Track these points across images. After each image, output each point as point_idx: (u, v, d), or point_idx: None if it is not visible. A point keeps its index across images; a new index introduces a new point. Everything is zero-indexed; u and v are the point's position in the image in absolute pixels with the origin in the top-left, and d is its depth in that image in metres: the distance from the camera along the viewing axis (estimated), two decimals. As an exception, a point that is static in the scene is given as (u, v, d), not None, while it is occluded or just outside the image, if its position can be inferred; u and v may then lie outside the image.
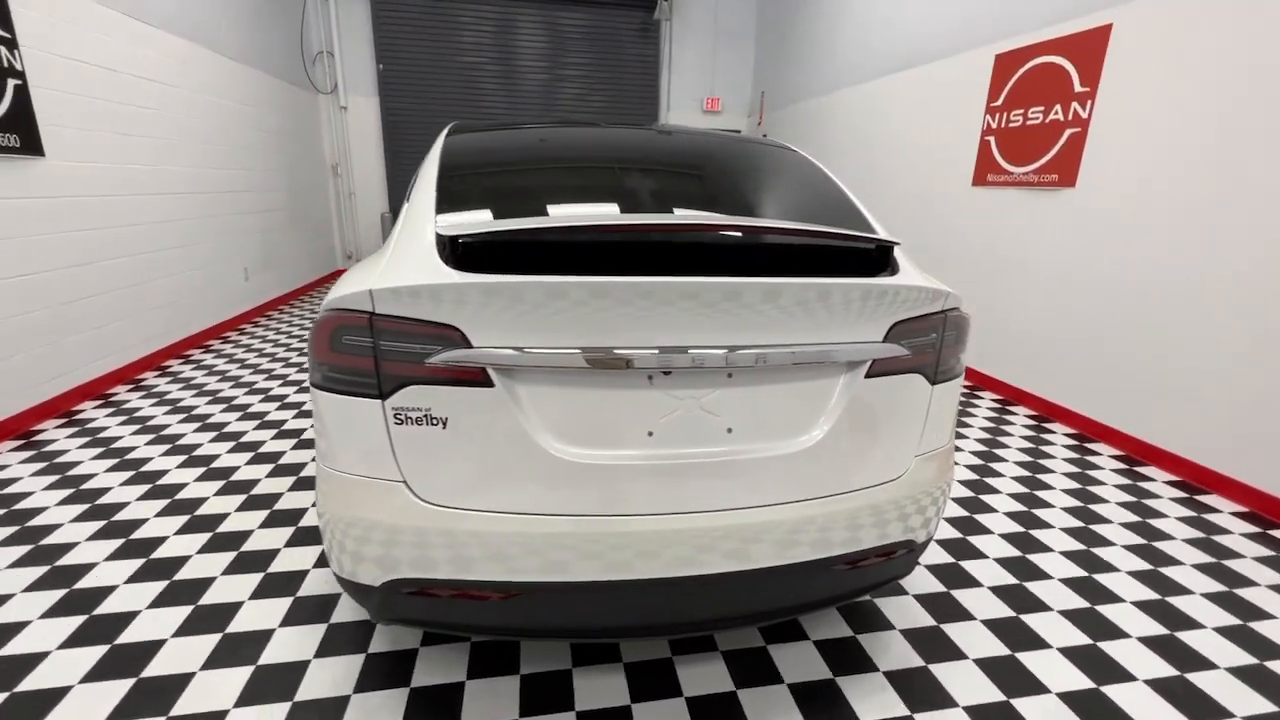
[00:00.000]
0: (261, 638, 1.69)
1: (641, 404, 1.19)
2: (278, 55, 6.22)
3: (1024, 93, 3.65)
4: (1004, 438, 3.23)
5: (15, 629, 1.70)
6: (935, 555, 2.18)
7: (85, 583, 1.89)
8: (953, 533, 2.34)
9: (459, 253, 1.16)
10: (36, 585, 1.88)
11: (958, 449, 3.08)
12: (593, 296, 1.10)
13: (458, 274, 1.11)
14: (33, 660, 1.59)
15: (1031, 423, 3.45)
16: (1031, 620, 1.85)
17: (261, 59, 5.83)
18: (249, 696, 1.50)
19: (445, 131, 1.79)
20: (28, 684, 1.52)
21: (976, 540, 2.29)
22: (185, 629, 1.72)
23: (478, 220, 1.30)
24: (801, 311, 1.20)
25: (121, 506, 2.34)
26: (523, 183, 1.54)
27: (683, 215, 1.41)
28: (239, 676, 1.56)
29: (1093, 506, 2.57)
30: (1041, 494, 2.66)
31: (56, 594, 1.84)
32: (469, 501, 1.19)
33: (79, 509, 2.31)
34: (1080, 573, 2.09)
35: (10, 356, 2.98)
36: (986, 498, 2.61)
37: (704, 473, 1.22)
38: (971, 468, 2.88)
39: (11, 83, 2.98)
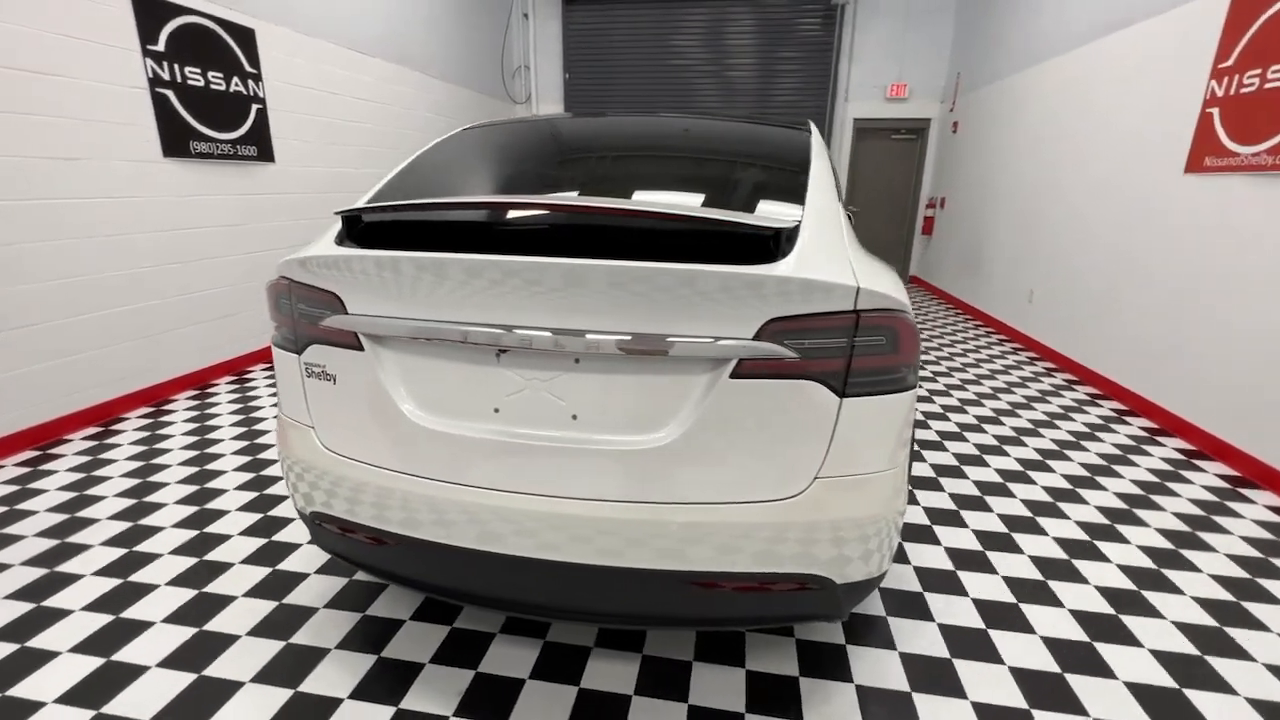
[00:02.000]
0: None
1: (489, 380, 1.22)
2: (480, 72, 7.18)
3: (1270, 43, 2.73)
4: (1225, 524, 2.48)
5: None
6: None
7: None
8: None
9: (356, 230, 1.31)
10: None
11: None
12: (433, 273, 1.16)
13: (337, 248, 1.25)
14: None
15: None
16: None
17: (464, 76, 6.78)
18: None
19: (457, 131, 1.97)
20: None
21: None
22: (249, 531, 2.17)
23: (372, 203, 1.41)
24: (647, 299, 1.11)
25: (266, 433, 3.00)
26: (457, 173, 1.63)
27: (564, 198, 1.35)
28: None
29: None
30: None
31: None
32: (351, 451, 1.33)
33: (241, 431, 3.02)
34: None
35: (236, 314, 3.96)
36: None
37: (545, 456, 1.20)
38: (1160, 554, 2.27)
39: (254, 107, 3.94)
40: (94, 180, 3.02)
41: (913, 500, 2.44)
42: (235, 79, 3.79)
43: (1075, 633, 1.73)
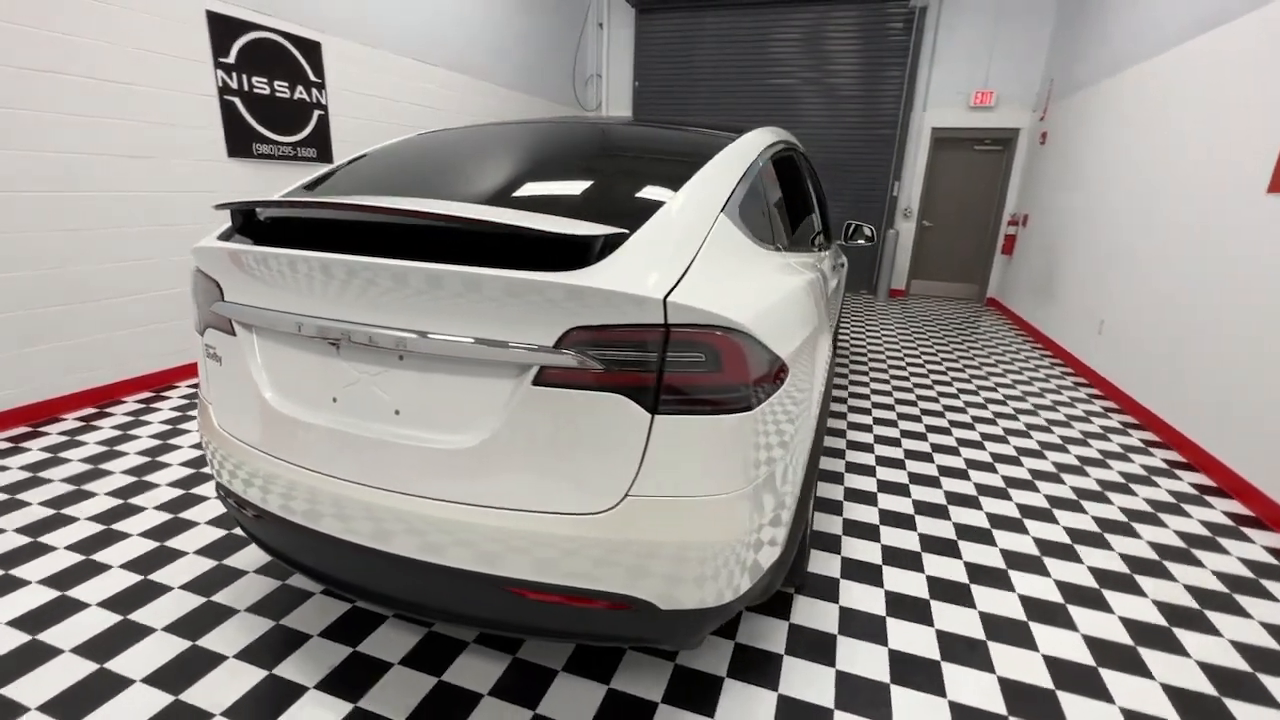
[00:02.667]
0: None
1: (330, 371, 1.27)
2: (550, 80, 7.44)
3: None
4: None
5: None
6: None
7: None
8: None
9: (242, 225, 1.41)
10: (198, 446, 2.81)
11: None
12: (283, 268, 1.23)
13: (216, 240, 1.36)
14: (150, 488, 2.41)
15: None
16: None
17: (533, 84, 7.06)
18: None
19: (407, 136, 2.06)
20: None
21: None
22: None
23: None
24: (455, 301, 1.12)
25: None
26: (362, 175, 1.67)
27: (396, 201, 1.31)
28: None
29: None
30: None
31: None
32: (234, 429, 1.44)
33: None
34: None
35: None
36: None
37: (372, 448, 1.24)
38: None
39: (316, 113, 4.32)
40: (161, 176, 3.44)
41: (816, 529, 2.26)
42: (299, 87, 4.17)
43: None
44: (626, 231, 1.18)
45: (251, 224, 1.41)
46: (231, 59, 3.71)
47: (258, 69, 3.87)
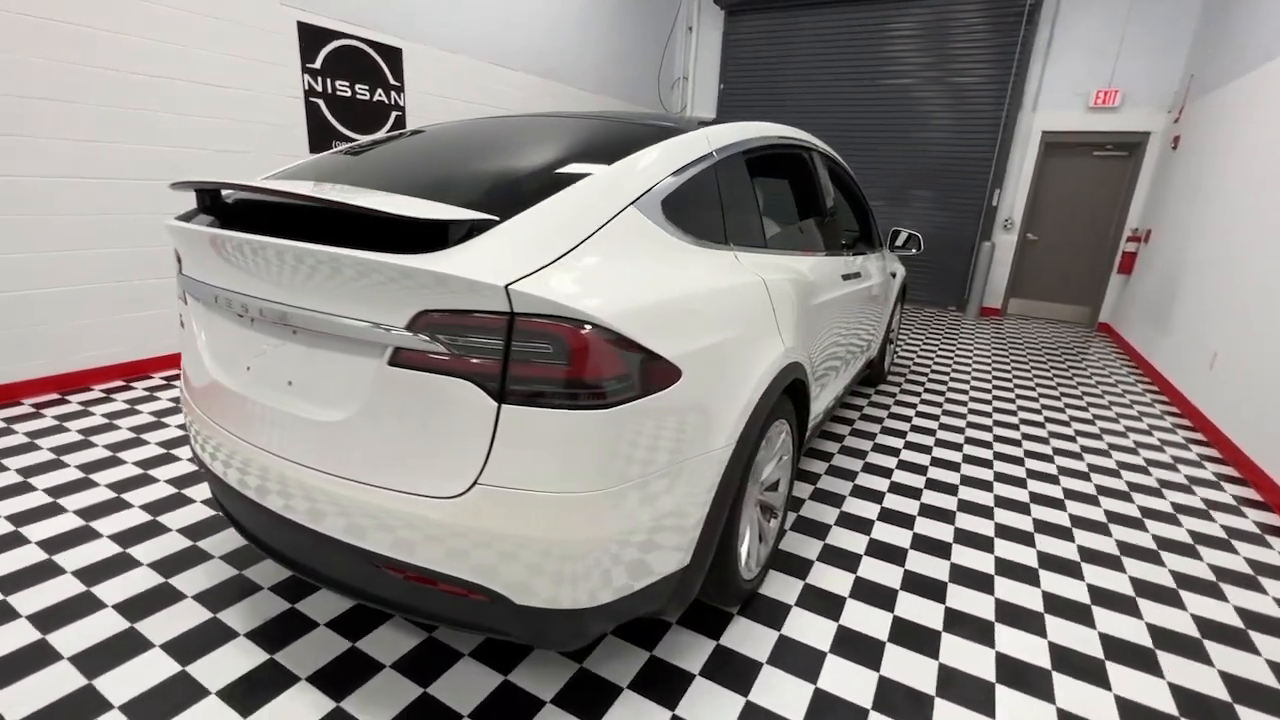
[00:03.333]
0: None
1: (245, 341, 1.37)
2: (634, 84, 7.53)
3: None
4: None
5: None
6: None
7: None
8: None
9: (208, 205, 1.55)
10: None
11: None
12: (207, 245, 1.34)
13: (174, 219, 1.51)
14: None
15: None
16: None
17: (616, 88, 7.18)
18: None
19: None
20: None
21: None
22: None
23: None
24: (327, 279, 1.17)
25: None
26: (324, 165, 1.75)
27: (292, 185, 1.34)
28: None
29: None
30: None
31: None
32: (189, 391, 1.59)
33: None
34: None
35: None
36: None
37: (271, 416, 1.32)
38: None
39: (394, 114, 4.67)
40: (252, 169, 3.87)
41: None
42: (379, 90, 4.53)
43: None
44: (496, 219, 1.18)
45: (215, 204, 1.55)
46: (318, 64, 4.10)
47: (341, 73, 4.25)
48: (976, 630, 1.81)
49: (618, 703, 1.49)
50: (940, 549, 2.22)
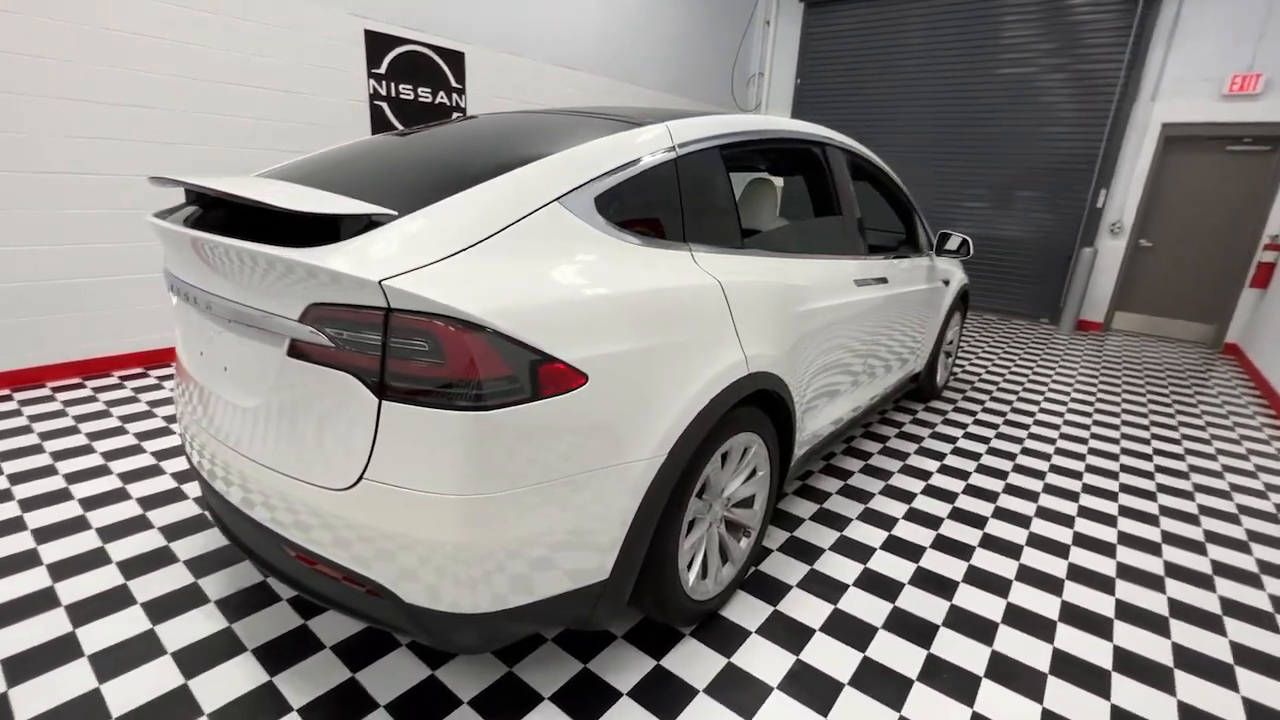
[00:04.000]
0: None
1: (200, 329, 1.45)
2: (705, 81, 7.42)
3: None
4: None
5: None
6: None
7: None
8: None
9: (195, 199, 1.66)
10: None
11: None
12: (167, 239, 1.44)
13: (151, 215, 1.61)
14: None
15: None
16: None
17: (686, 86, 7.10)
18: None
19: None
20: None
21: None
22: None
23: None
24: (237, 271, 1.21)
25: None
26: (301, 167, 1.80)
27: (226, 183, 1.31)
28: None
29: None
30: None
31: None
32: (176, 374, 1.73)
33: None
34: None
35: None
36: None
37: (212, 398, 1.40)
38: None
39: (455, 115, 4.87)
40: (318, 168, 4.17)
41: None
42: (441, 93, 4.74)
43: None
44: (394, 214, 1.17)
45: (198, 200, 1.65)
46: (383, 69, 4.35)
47: (404, 77, 4.48)
48: (954, 682, 1.61)
49: (534, 712, 1.45)
50: (944, 587, 2.00)
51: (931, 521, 2.40)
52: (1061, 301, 6.37)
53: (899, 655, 1.69)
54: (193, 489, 2.32)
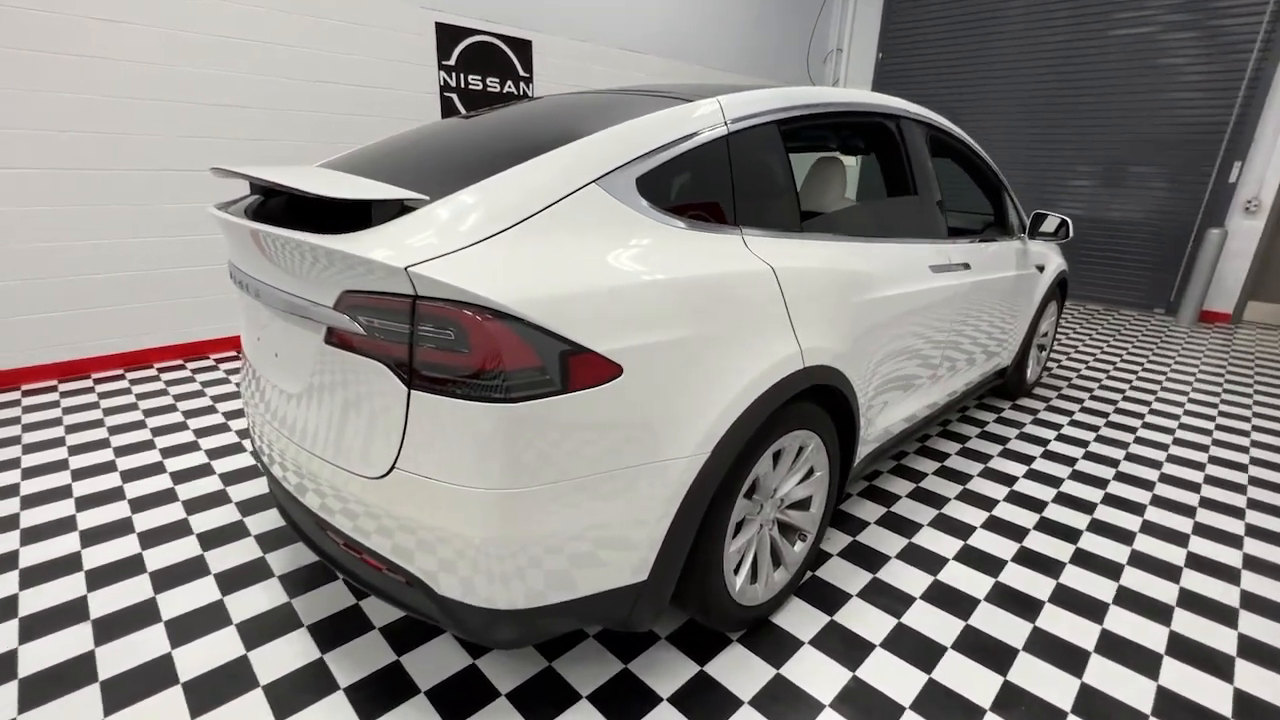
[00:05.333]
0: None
1: (257, 316, 1.49)
2: (779, 59, 7.12)
3: None
4: None
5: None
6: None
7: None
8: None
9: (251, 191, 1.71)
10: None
11: None
12: (224, 229, 1.48)
13: (213, 207, 1.67)
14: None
15: None
16: None
17: (755, 65, 6.85)
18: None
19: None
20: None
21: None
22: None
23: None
24: (282, 258, 1.22)
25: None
26: (375, 156, 1.80)
27: (274, 173, 1.28)
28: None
29: None
30: None
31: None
32: (244, 362, 1.80)
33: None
34: None
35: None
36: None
37: (266, 386, 1.44)
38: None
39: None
40: (392, 160, 4.30)
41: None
42: (509, 81, 4.78)
43: None
44: (425, 198, 1.14)
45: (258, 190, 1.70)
46: (452, 61, 4.43)
47: (473, 68, 4.54)
48: (1035, 716, 1.43)
49: (571, 710, 1.42)
50: (1027, 607, 1.80)
51: (1015, 533, 2.18)
52: (1179, 290, 5.69)
53: (971, 680, 1.54)
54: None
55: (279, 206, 1.40)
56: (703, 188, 1.44)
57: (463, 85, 4.51)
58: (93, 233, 3.29)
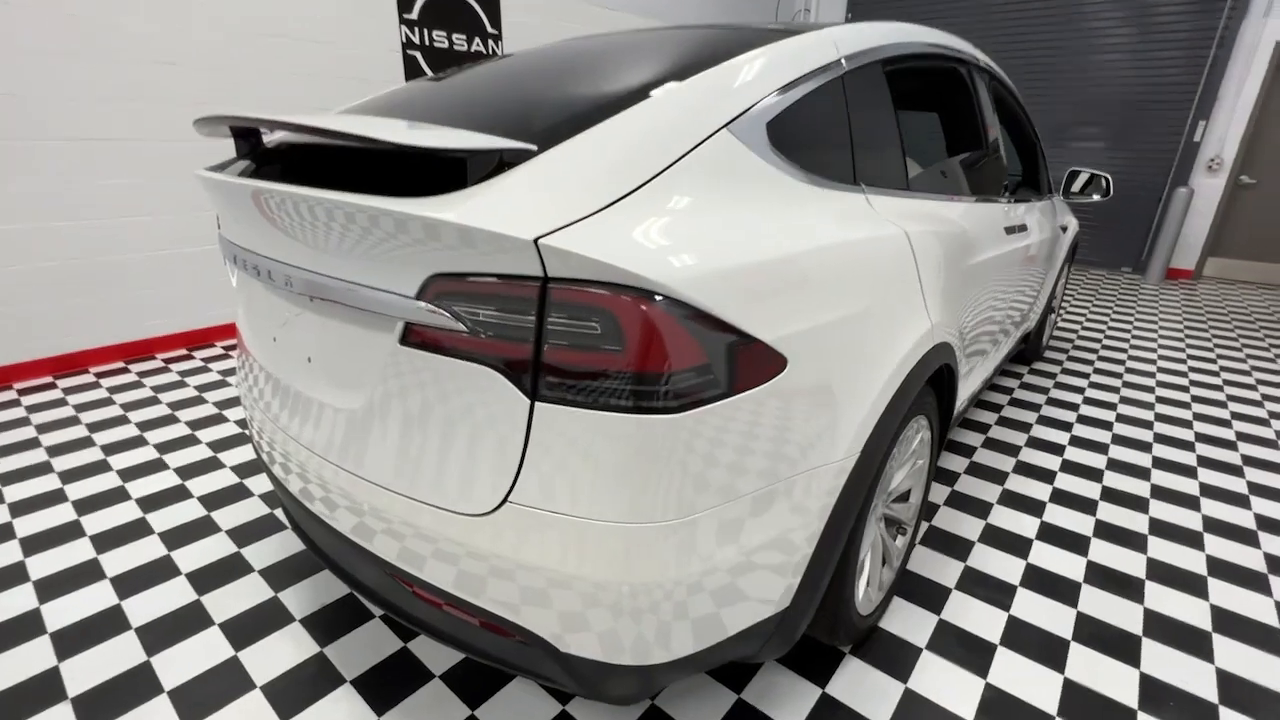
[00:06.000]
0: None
1: (272, 308, 1.18)
2: (746, 14, 6.84)
3: None
4: None
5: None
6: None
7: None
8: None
9: (247, 151, 1.36)
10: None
11: None
12: (221, 195, 1.15)
13: (204, 169, 1.33)
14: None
15: None
16: None
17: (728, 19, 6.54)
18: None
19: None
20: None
21: None
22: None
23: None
24: (325, 233, 0.92)
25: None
26: (398, 100, 1.50)
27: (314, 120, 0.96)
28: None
29: None
30: None
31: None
32: (240, 361, 1.47)
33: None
34: None
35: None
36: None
37: (292, 395, 1.13)
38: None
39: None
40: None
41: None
42: (476, 38, 4.34)
43: None
44: (533, 148, 0.87)
45: (256, 151, 1.36)
46: (414, 15, 3.97)
47: (438, 23, 4.09)
48: (1186, 713, 1.33)
49: (694, 759, 1.21)
50: (1127, 587, 1.70)
51: (1085, 505, 2.09)
52: (1148, 249, 5.86)
53: (1106, 677, 1.42)
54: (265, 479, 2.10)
55: (293, 167, 1.09)
56: (823, 137, 1.20)
57: (427, 42, 4.06)
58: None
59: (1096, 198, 2.83)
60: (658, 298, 0.78)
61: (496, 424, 0.85)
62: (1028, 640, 1.52)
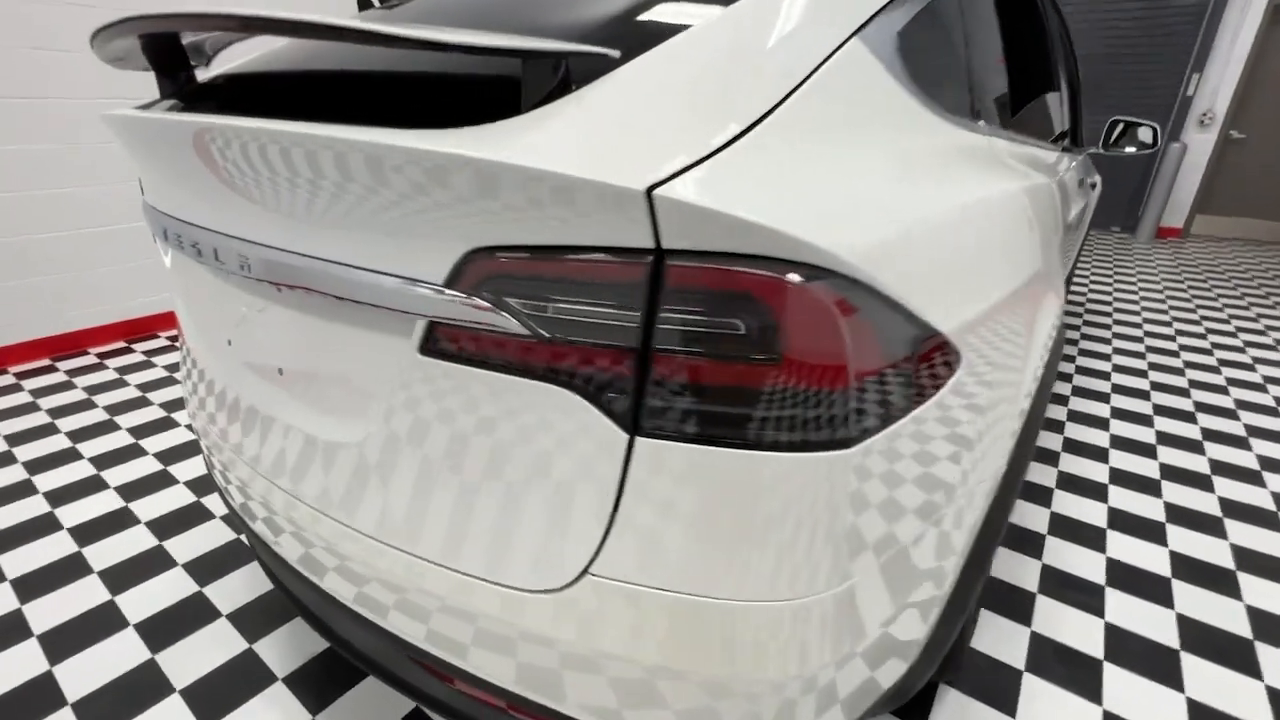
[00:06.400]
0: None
1: (224, 302, 0.88)
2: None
3: None
4: None
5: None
6: None
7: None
8: None
9: (180, 88, 1.03)
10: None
11: None
12: (136, 143, 0.83)
13: (121, 110, 1.00)
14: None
15: None
16: None
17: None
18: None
19: None
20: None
21: None
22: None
23: None
24: (306, 191, 0.63)
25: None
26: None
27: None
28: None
29: None
30: None
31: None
32: (184, 356, 1.15)
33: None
34: None
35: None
36: None
37: (255, 416, 0.84)
38: None
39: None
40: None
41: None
42: None
43: None
44: (614, 54, 0.58)
45: (185, 88, 1.02)
46: (370, -46, 3.51)
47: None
48: (1333, 734, 1.17)
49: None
50: (1220, 581, 1.54)
51: (1148, 486, 1.93)
52: (1141, 205, 5.78)
53: (1230, 693, 1.25)
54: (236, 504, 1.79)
55: (249, 101, 0.77)
56: (944, 59, 0.94)
57: None
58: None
59: (1132, 150, 2.64)
60: (833, 278, 0.51)
61: (575, 468, 0.58)
62: (1134, 653, 1.33)
